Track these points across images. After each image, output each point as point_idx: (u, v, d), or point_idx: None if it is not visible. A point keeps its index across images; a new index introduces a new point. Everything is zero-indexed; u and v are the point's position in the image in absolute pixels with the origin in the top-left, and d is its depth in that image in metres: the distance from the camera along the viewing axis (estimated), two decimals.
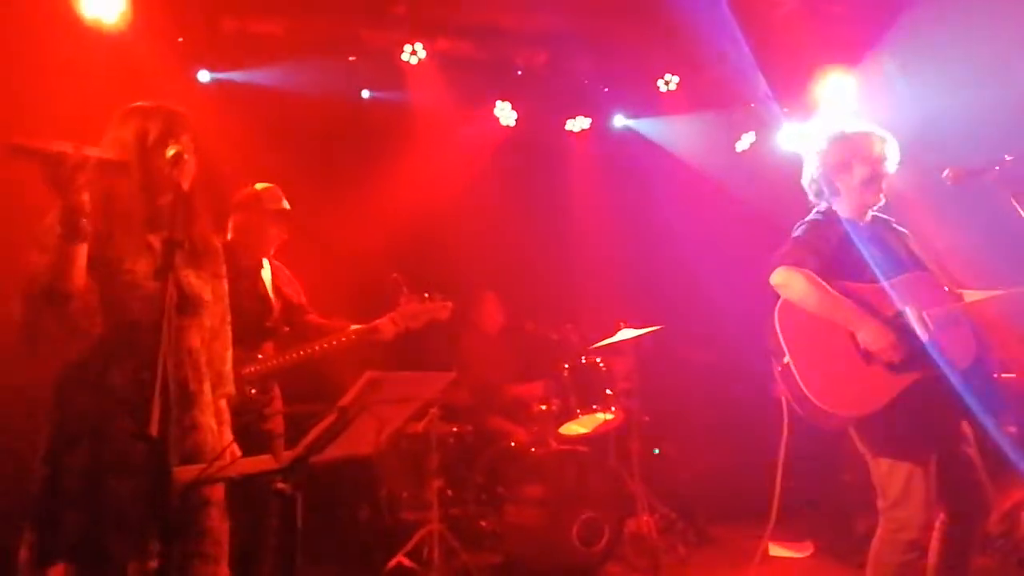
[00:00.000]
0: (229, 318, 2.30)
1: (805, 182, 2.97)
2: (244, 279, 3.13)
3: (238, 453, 2.18)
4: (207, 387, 2.18)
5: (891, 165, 2.83)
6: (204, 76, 4.70)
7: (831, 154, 2.87)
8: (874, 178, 2.81)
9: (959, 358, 2.63)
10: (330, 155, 5.07)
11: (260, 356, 3.17)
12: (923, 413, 2.64)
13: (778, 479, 3.08)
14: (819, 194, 2.92)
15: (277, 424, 3.16)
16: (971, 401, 2.66)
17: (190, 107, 2.26)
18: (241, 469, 1.86)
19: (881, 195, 2.85)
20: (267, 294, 3.29)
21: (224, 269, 2.28)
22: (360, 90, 5.23)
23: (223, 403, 2.26)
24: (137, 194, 2.11)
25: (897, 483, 2.67)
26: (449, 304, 3.50)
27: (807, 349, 2.72)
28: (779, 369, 2.74)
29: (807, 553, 4.50)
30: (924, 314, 2.65)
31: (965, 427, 2.74)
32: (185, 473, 1.69)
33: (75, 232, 1.91)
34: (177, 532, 2.00)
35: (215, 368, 2.22)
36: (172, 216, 2.00)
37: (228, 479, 1.98)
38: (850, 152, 2.83)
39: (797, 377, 2.68)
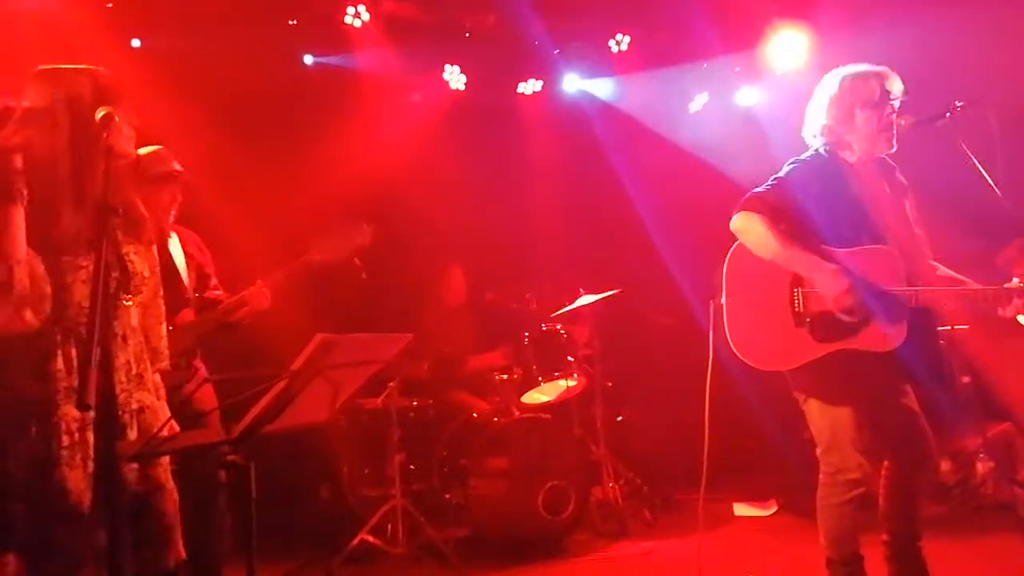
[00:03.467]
0: (161, 291, 2.23)
1: (806, 133, 2.89)
2: None
3: (176, 429, 2.13)
4: (147, 366, 2.13)
5: (895, 101, 2.75)
6: (136, 43, 4.54)
7: (831, 102, 2.79)
8: (881, 124, 2.74)
9: (887, 341, 2.66)
10: (273, 124, 4.94)
11: (170, 328, 3.08)
12: (850, 365, 2.68)
13: (705, 420, 3.16)
14: (823, 144, 2.83)
15: (207, 396, 3.07)
16: (906, 365, 2.72)
17: (125, 75, 2.17)
18: (190, 441, 1.81)
19: (893, 142, 2.77)
20: (174, 264, 3.18)
21: (153, 237, 2.20)
22: (302, 55, 5.11)
23: (157, 377, 2.20)
24: (69, 162, 2.01)
25: (826, 428, 2.75)
26: (366, 228, 3.44)
27: (744, 296, 2.79)
28: (713, 306, 2.80)
29: (772, 511, 4.59)
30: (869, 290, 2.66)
31: (902, 379, 2.78)
32: (130, 447, 1.63)
33: (7, 192, 1.82)
34: (126, 520, 1.95)
35: (151, 344, 2.17)
36: (107, 183, 1.93)
37: (176, 452, 1.93)
38: (851, 99, 2.76)
39: (724, 319, 2.77)
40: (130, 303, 2.07)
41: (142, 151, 3.24)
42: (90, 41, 3.88)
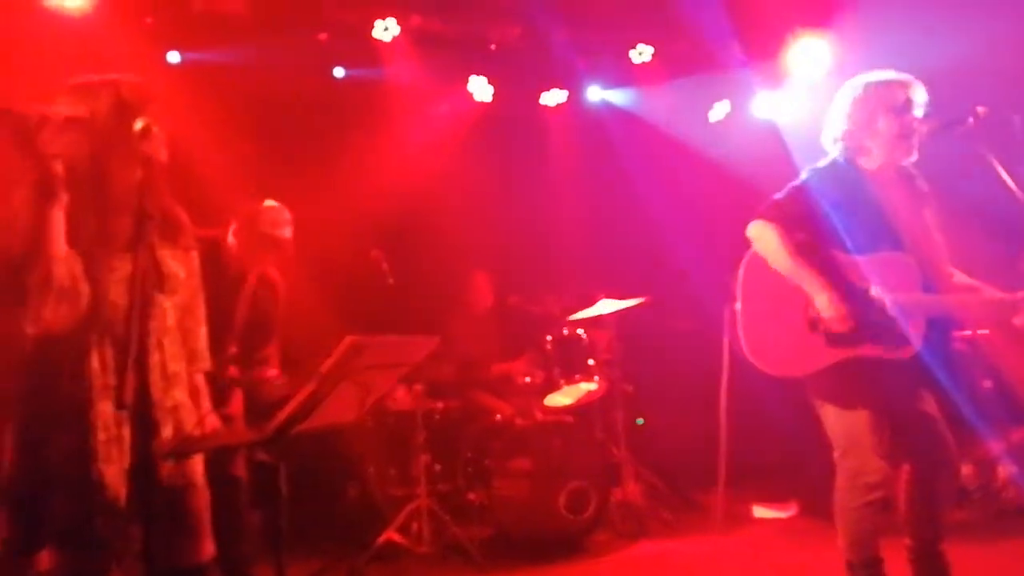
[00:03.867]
0: (202, 294, 2.27)
1: (826, 140, 2.86)
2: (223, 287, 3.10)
3: (216, 423, 2.16)
4: (183, 366, 2.15)
5: (918, 110, 2.71)
6: (174, 57, 4.62)
7: (853, 109, 2.76)
8: (903, 131, 2.70)
9: (901, 350, 2.63)
10: (304, 135, 5.01)
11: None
12: (865, 370, 2.66)
13: (722, 419, 3.15)
14: (842, 151, 2.80)
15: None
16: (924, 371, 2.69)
17: (161, 88, 2.20)
18: (222, 440, 1.84)
19: (914, 150, 2.73)
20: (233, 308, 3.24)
21: (194, 242, 2.23)
22: (333, 68, 5.16)
23: (199, 378, 2.22)
24: (108, 172, 2.05)
25: (843, 432, 2.73)
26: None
27: (759, 302, 2.78)
28: (728, 312, 2.80)
29: (791, 513, 4.55)
30: (886, 298, 2.64)
31: (920, 385, 2.74)
32: (165, 445, 1.66)
33: (48, 191, 1.86)
34: (161, 514, 1.99)
35: (189, 345, 2.20)
36: (145, 191, 1.97)
37: (209, 449, 1.96)
38: (872, 105, 2.72)
39: (740, 324, 2.76)
40: (166, 304, 2.09)
41: (266, 203, 3.32)
42: (129, 54, 3.96)
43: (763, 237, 2.73)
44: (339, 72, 5.19)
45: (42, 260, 1.88)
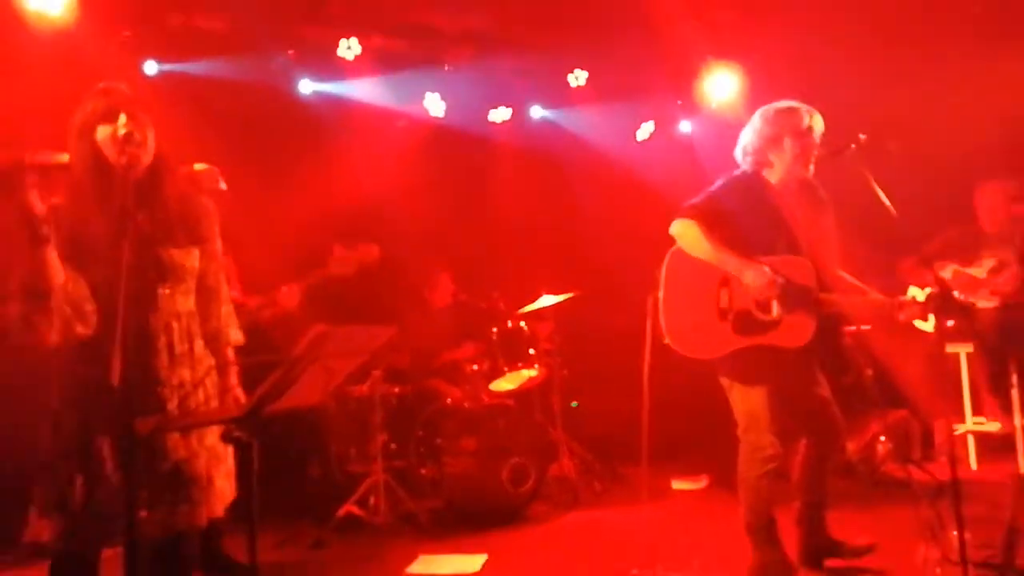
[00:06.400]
0: (223, 276, 2.24)
1: (738, 154, 2.96)
2: None
3: (242, 398, 2.15)
4: (198, 344, 2.12)
5: (817, 136, 2.84)
6: (151, 67, 4.50)
7: (764, 130, 2.86)
8: (803, 151, 2.82)
9: (797, 339, 2.76)
10: (271, 143, 4.93)
11: None
12: (766, 355, 2.78)
13: (645, 400, 3.23)
14: (751, 164, 2.91)
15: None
16: (817, 358, 2.84)
17: (139, 95, 2.15)
18: (200, 418, 1.83)
19: (810, 167, 2.86)
20: None
21: (215, 231, 2.18)
22: (299, 82, 5.11)
23: (228, 351, 2.21)
24: (96, 175, 2.00)
25: (745, 410, 2.83)
26: (375, 247, 3.52)
27: (677, 292, 2.86)
28: (650, 300, 2.87)
29: (703, 485, 4.67)
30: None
31: (815, 370, 2.88)
32: (144, 424, 1.65)
33: (35, 237, 1.82)
34: (166, 482, 1.97)
35: (211, 325, 2.17)
36: (139, 192, 1.94)
37: (188, 426, 1.94)
38: (779, 127, 2.84)
39: (661, 312, 2.85)
40: (167, 291, 2.05)
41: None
42: (107, 64, 3.85)
43: (685, 232, 2.80)
44: (305, 86, 5.13)
45: (41, 293, 1.85)
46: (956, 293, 2.74)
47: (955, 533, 2.42)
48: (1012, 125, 4.54)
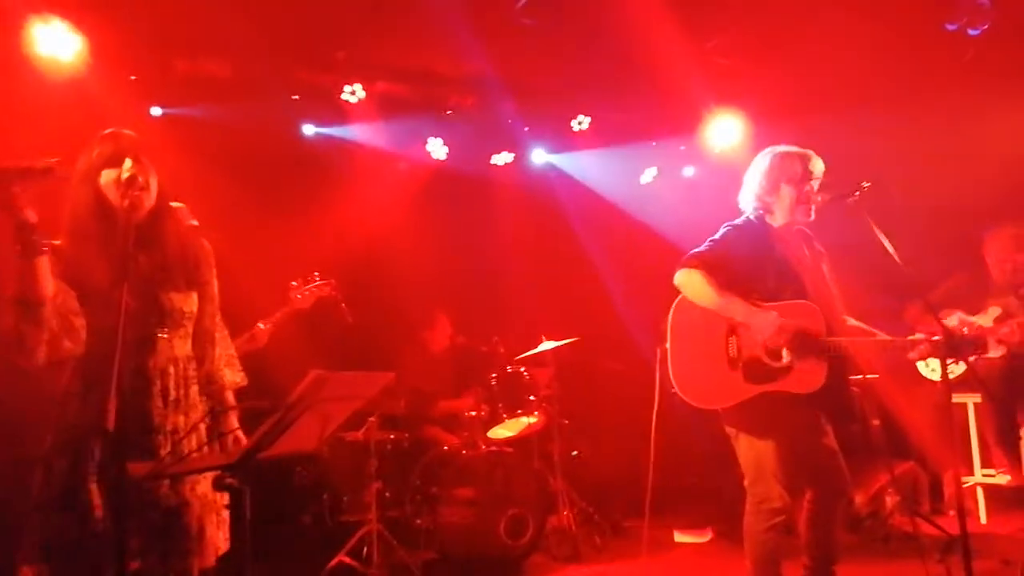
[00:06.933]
0: (220, 319, 2.25)
1: (740, 200, 2.99)
2: None
3: (243, 439, 2.14)
4: (193, 390, 2.13)
5: (816, 182, 2.87)
6: (156, 111, 4.59)
7: (763, 176, 2.89)
8: (803, 196, 2.85)
9: (808, 384, 2.74)
10: (275, 186, 5.00)
11: None
12: (776, 405, 2.76)
13: (651, 451, 3.19)
14: (754, 210, 2.93)
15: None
16: (825, 408, 2.81)
17: (144, 140, 2.20)
18: (193, 465, 1.81)
19: (811, 214, 2.87)
20: None
21: (212, 274, 2.21)
22: (303, 125, 5.19)
23: (228, 395, 2.22)
24: (99, 218, 2.04)
25: (753, 461, 2.79)
26: (330, 281, 3.64)
27: (685, 342, 2.86)
28: (659, 351, 2.86)
29: (708, 538, 4.60)
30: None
31: (823, 421, 2.84)
32: (138, 469, 1.64)
33: (27, 247, 1.83)
34: (158, 532, 1.95)
35: (205, 368, 2.18)
36: (140, 235, 1.96)
37: (181, 473, 1.92)
38: (778, 173, 2.87)
39: (669, 363, 2.83)
40: (165, 335, 2.07)
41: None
42: (115, 108, 3.93)
43: (690, 282, 2.81)
44: (309, 130, 5.22)
45: (31, 304, 1.85)
46: (965, 330, 2.73)
47: None
48: (1012, 170, 4.60)
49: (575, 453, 5.28)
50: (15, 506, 1.98)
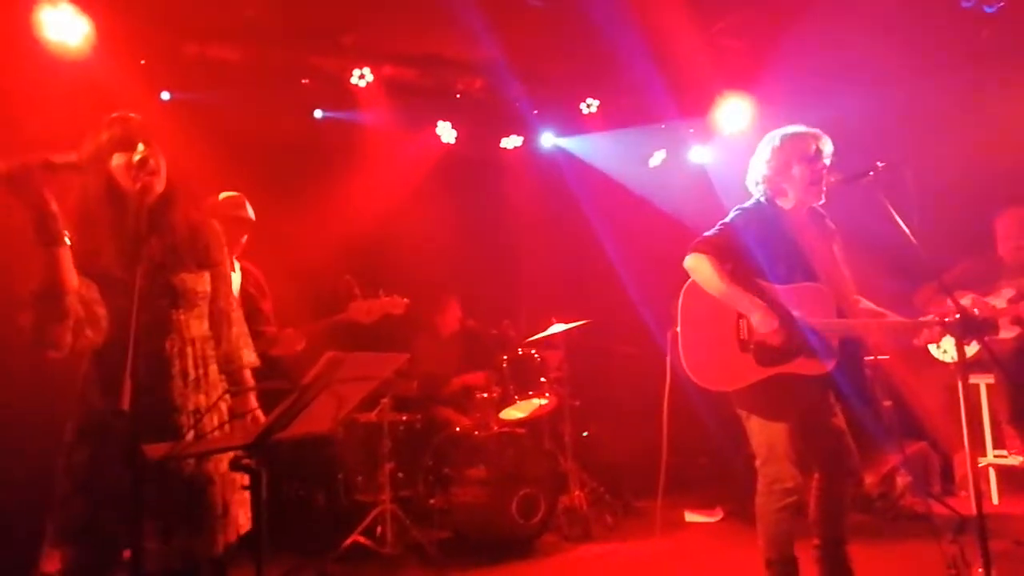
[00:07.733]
0: (235, 299, 2.25)
1: (750, 183, 2.95)
2: None
3: (262, 418, 2.15)
4: (212, 369, 2.13)
5: (827, 159, 2.83)
6: (166, 96, 4.57)
7: (773, 157, 2.85)
8: (814, 176, 2.81)
9: (819, 366, 2.72)
10: (285, 170, 4.98)
11: None
12: (787, 387, 2.74)
13: (664, 432, 3.18)
14: (764, 192, 2.89)
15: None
16: (836, 388, 2.80)
17: (153, 125, 2.19)
18: (210, 445, 1.81)
19: (822, 195, 2.84)
20: None
21: (224, 255, 2.21)
22: (313, 110, 5.17)
23: (247, 375, 2.22)
24: (110, 202, 2.03)
25: (764, 442, 2.78)
26: (404, 300, 3.47)
27: (696, 325, 2.84)
28: (670, 335, 2.85)
29: (718, 518, 4.61)
30: (805, 321, 2.72)
31: (832, 401, 2.83)
32: (155, 450, 1.64)
33: (50, 237, 1.83)
34: (184, 508, 1.96)
35: (223, 348, 2.18)
36: (150, 218, 1.96)
37: (198, 454, 1.93)
38: (788, 154, 2.83)
39: (680, 346, 2.82)
40: (183, 316, 2.07)
41: (221, 195, 3.30)
42: (125, 93, 3.91)
43: (699, 267, 2.79)
44: (318, 114, 5.19)
45: (56, 295, 1.85)
46: (976, 311, 2.70)
47: (981, 571, 2.36)
48: None
49: (586, 434, 5.29)
50: (41, 491, 1.98)
